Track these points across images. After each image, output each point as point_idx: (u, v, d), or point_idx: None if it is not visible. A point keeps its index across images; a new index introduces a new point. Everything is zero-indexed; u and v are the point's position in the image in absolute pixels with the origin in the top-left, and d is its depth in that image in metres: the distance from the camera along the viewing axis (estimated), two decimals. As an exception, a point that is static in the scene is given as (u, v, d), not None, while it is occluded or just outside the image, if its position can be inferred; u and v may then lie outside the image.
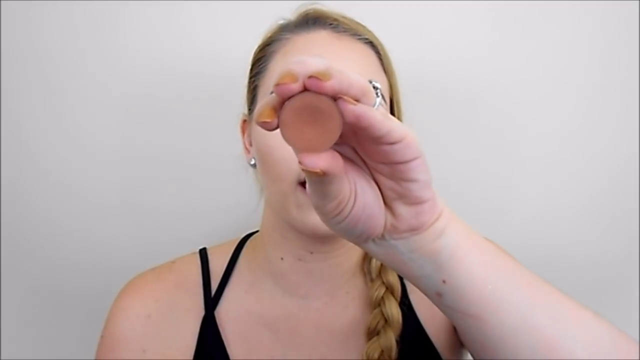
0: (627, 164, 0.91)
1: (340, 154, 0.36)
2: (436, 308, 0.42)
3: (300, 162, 0.31)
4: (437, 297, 0.40)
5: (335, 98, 0.31)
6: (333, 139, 0.32)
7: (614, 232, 0.93)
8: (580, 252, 0.93)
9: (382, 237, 0.38)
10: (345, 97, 0.31)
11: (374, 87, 0.35)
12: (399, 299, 0.63)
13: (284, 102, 0.31)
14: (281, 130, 0.31)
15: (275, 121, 0.31)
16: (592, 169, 0.91)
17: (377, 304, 0.62)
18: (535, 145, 0.90)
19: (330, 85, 0.30)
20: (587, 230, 0.93)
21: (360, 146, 0.35)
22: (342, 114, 0.31)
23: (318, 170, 0.32)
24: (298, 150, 0.32)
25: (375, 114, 0.31)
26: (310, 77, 0.30)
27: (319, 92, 0.30)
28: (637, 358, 0.40)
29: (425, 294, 0.41)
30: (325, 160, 0.32)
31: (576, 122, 0.90)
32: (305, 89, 0.30)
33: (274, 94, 0.32)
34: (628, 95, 0.89)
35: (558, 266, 0.93)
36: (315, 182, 0.34)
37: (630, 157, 0.91)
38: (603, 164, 0.91)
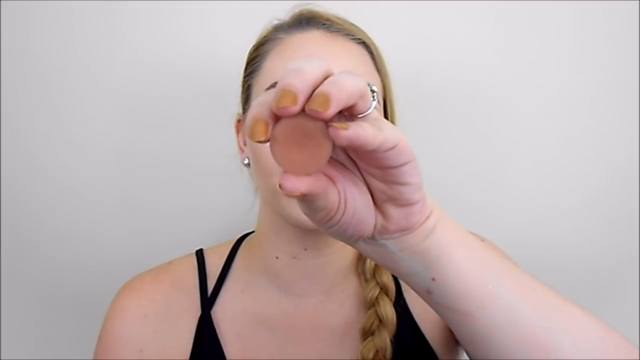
0: (628, 166, 0.92)
1: (332, 158, 0.36)
2: None
3: (280, 186, 0.32)
4: (427, 294, 0.40)
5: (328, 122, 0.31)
6: (319, 166, 0.32)
7: (615, 233, 0.93)
8: (581, 253, 0.94)
9: (372, 237, 0.38)
10: (337, 125, 0.31)
11: (371, 91, 0.35)
12: (393, 299, 0.63)
13: (276, 116, 0.31)
14: (271, 146, 0.32)
15: (267, 137, 0.31)
16: (592, 170, 0.92)
17: (371, 305, 0.63)
18: (535, 147, 0.91)
19: (329, 114, 0.30)
20: (588, 232, 0.93)
21: (352, 151, 0.36)
22: (333, 140, 0.31)
23: (298, 194, 0.32)
24: (283, 169, 0.32)
25: (367, 132, 0.31)
26: (310, 109, 0.30)
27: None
28: (626, 353, 0.41)
29: (416, 291, 0.41)
30: (306, 184, 0.32)
31: (576, 123, 0.90)
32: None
33: (265, 98, 0.32)
34: (628, 97, 0.90)
35: (559, 268, 0.93)
36: (297, 199, 0.35)
37: (630, 158, 0.91)
38: (604, 165, 0.91)
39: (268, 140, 0.31)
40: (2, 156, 0.87)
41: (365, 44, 0.61)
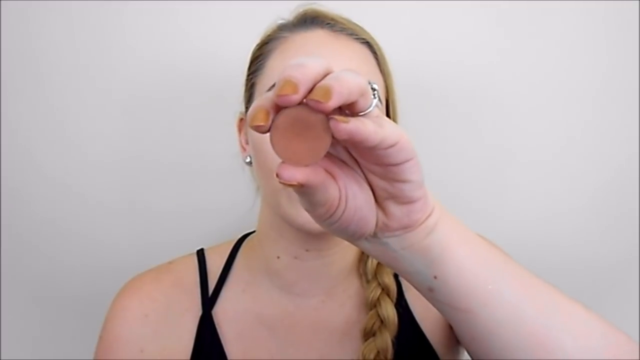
0: (628, 166, 0.92)
1: (333, 155, 0.37)
2: (432, 306, 0.42)
3: (277, 175, 0.32)
4: (428, 292, 0.40)
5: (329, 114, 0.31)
6: (317, 158, 0.32)
7: (615, 233, 0.93)
8: (581, 253, 0.94)
9: (374, 235, 0.38)
10: (338, 117, 0.31)
11: (372, 89, 0.35)
12: (394, 300, 0.63)
13: (278, 107, 0.31)
14: (271, 136, 0.32)
15: (268, 125, 0.31)
16: (592, 170, 0.92)
17: (373, 305, 0.63)
18: (535, 147, 0.91)
19: (330, 106, 0.30)
20: (588, 232, 0.93)
21: (353, 148, 0.36)
22: (333, 133, 0.31)
23: (295, 184, 0.32)
24: (282, 159, 0.32)
25: (368, 127, 0.31)
26: (311, 99, 0.30)
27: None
28: (627, 351, 0.41)
29: (418, 289, 0.41)
30: (303, 174, 0.32)
31: (576, 123, 0.90)
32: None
33: (268, 94, 0.32)
34: (628, 97, 0.90)
35: (559, 268, 0.93)
36: (296, 192, 0.35)
37: (630, 158, 0.91)
38: (604, 165, 0.91)
39: (268, 130, 0.32)
40: (2, 156, 0.87)
41: (369, 44, 0.61)
